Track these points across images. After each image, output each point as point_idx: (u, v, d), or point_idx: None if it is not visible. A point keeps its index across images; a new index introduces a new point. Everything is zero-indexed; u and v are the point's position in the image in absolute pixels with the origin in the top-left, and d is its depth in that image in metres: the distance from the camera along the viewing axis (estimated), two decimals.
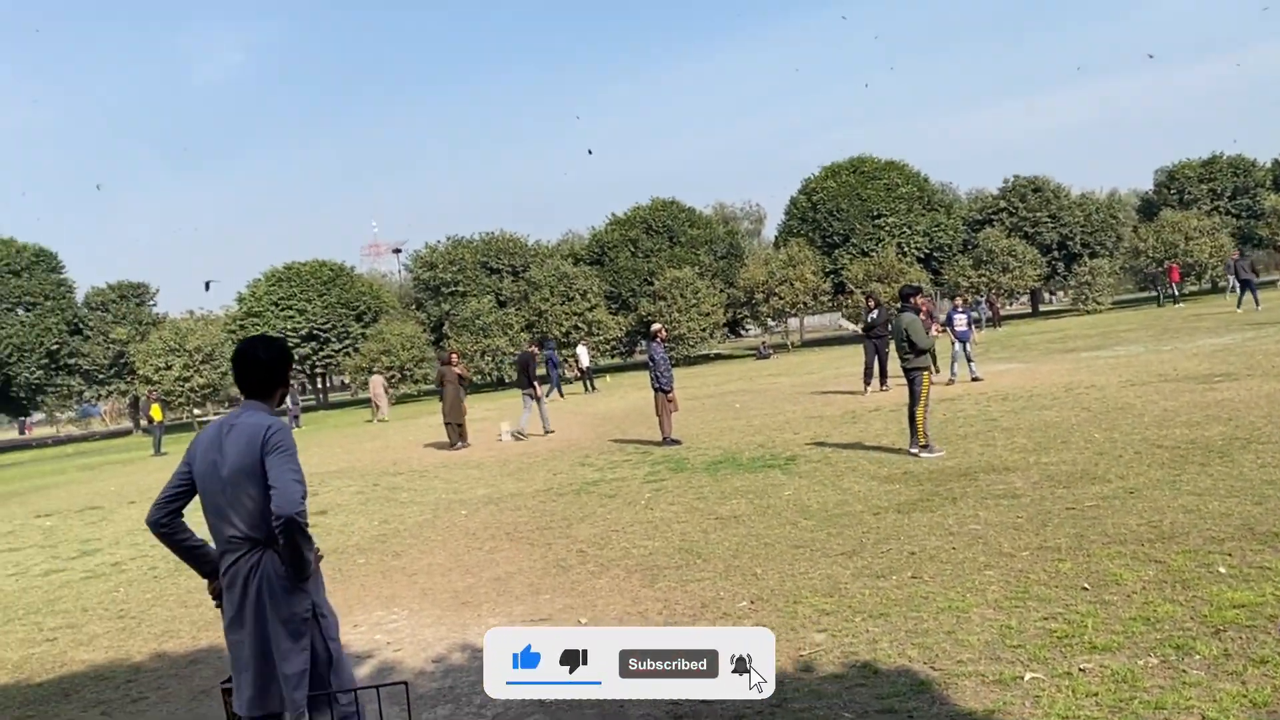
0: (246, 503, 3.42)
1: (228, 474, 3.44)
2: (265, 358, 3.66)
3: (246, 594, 3.45)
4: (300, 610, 3.46)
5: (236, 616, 3.48)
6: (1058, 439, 10.45)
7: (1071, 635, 4.67)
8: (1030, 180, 54.34)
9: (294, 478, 3.36)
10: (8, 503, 18.74)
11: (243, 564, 3.46)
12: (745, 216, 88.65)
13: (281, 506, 3.28)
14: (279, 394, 3.71)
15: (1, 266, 49.24)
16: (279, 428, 3.47)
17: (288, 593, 3.44)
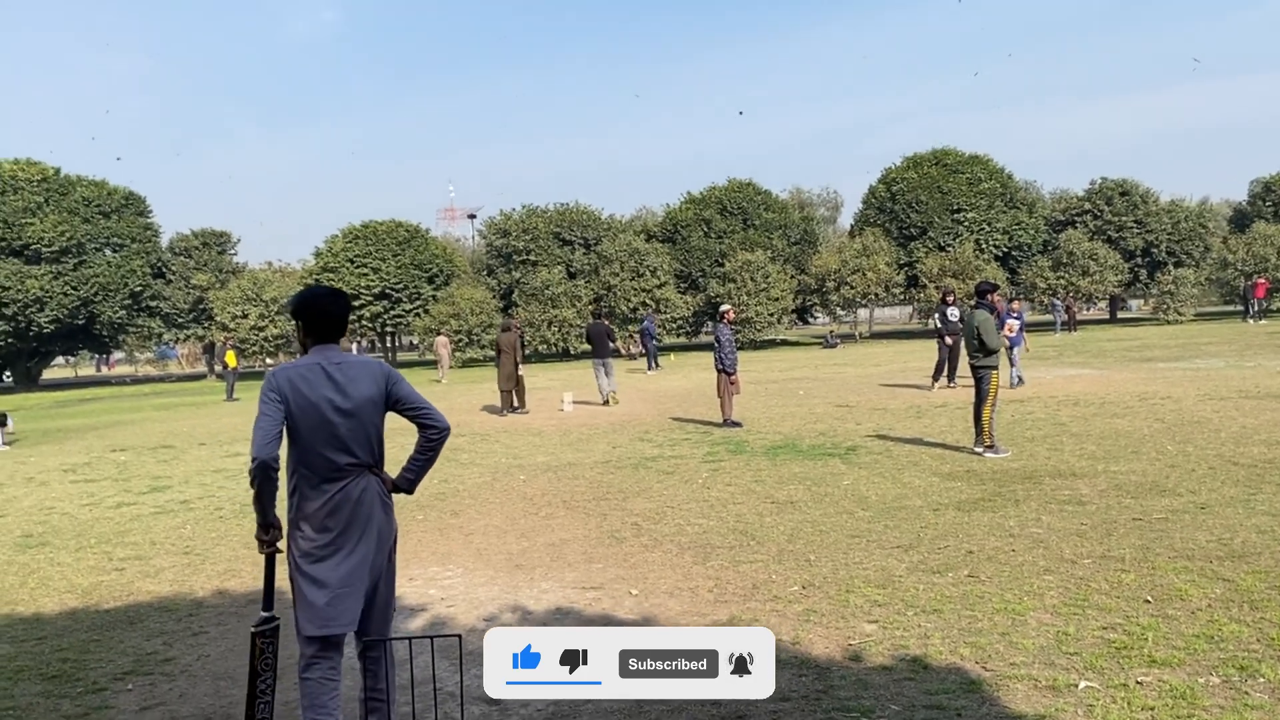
0: (369, 430, 3.78)
1: (355, 405, 3.74)
2: (339, 312, 3.91)
3: (356, 514, 3.74)
4: (395, 527, 3.95)
5: (340, 536, 3.72)
6: (1128, 448, 10.20)
7: (1130, 647, 4.57)
8: (1118, 183, 52.78)
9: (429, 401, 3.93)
10: (86, 435, 19.41)
11: (353, 487, 3.76)
12: (822, 203, 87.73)
13: (441, 421, 3.90)
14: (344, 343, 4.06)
15: (92, 208, 50.70)
16: (387, 367, 3.92)
17: (390, 511, 3.89)
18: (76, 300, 48.67)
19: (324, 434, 3.69)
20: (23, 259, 48.10)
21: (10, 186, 49.14)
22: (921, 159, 53.40)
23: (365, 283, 49.22)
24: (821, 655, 4.76)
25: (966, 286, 42.62)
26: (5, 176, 49.31)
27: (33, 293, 47.10)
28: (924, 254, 49.05)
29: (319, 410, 3.68)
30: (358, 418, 3.73)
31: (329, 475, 3.71)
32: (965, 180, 51.29)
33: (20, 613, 6.41)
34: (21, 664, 5.32)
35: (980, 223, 50.13)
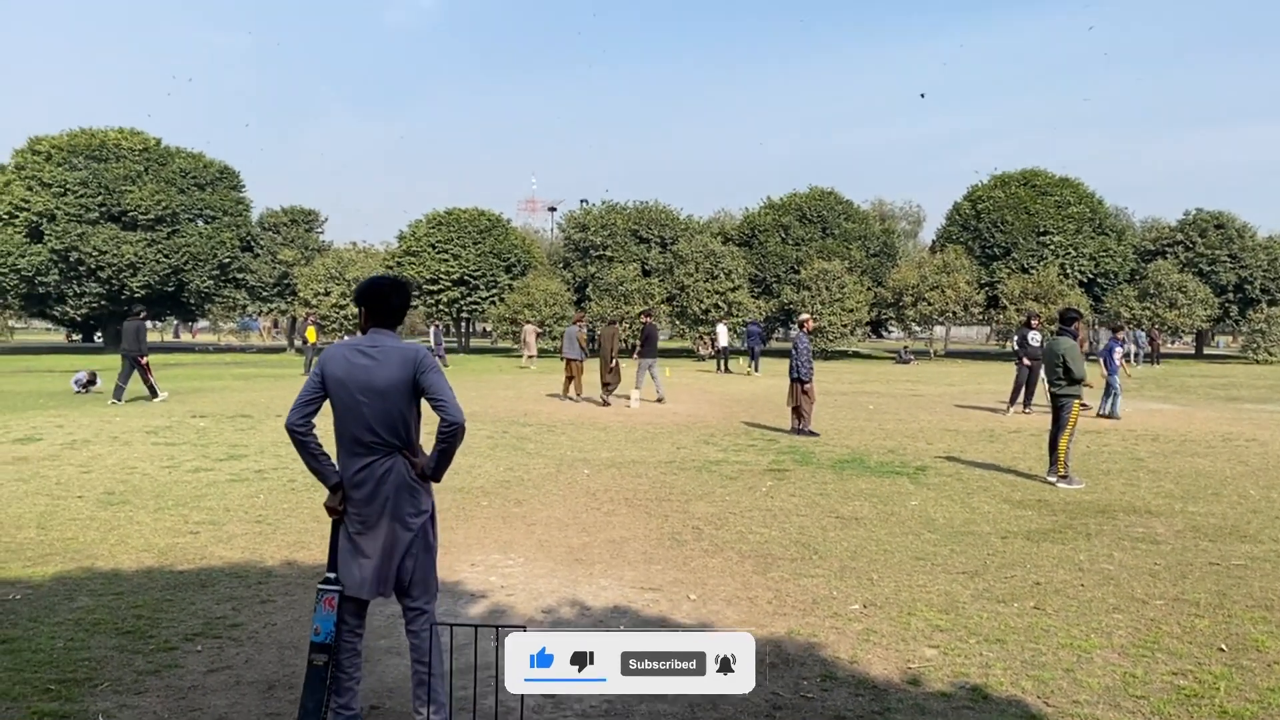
0: (394, 413, 3.89)
1: (382, 387, 3.87)
2: (399, 303, 4.09)
3: (379, 491, 3.92)
4: (425, 505, 4.01)
5: (366, 509, 3.93)
6: (1208, 489, 9.89)
7: (1201, 695, 4.44)
8: (1213, 215, 51.15)
9: (453, 395, 3.91)
10: (168, 400, 20.00)
11: (378, 466, 3.92)
12: (903, 216, 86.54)
13: (455, 415, 3.84)
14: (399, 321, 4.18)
15: (189, 179, 52.28)
16: (425, 352, 3.99)
17: (415, 492, 3.96)
18: (168, 268, 50.27)
19: (353, 412, 3.91)
20: (120, 225, 49.83)
21: (114, 154, 50.91)
22: (1010, 178, 52.39)
23: (445, 268, 49.96)
24: (879, 676, 4.72)
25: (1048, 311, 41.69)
26: (109, 144, 51.10)
27: (127, 258, 48.78)
28: (1006, 275, 48.14)
29: (348, 389, 3.90)
30: (385, 400, 3.87)
31: (356, 451, 3.94)
32: (1054, 202, 50.19)
33: (100, 567, 6.64)
34: (99, 617, 5.52)
35: (1066, 247, 49.02)
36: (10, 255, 47.10)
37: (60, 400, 19.85)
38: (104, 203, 49.27)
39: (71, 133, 51.54)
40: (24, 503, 8.82)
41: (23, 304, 52.33)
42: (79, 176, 49.26)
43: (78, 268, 48.75)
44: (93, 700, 4.34)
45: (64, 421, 15.34)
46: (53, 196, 48.53)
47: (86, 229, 48.54)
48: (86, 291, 49.56)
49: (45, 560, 6.81)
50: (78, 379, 22.35)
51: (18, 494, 9.24)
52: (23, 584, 6.20)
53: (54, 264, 48.49)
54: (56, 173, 49.02)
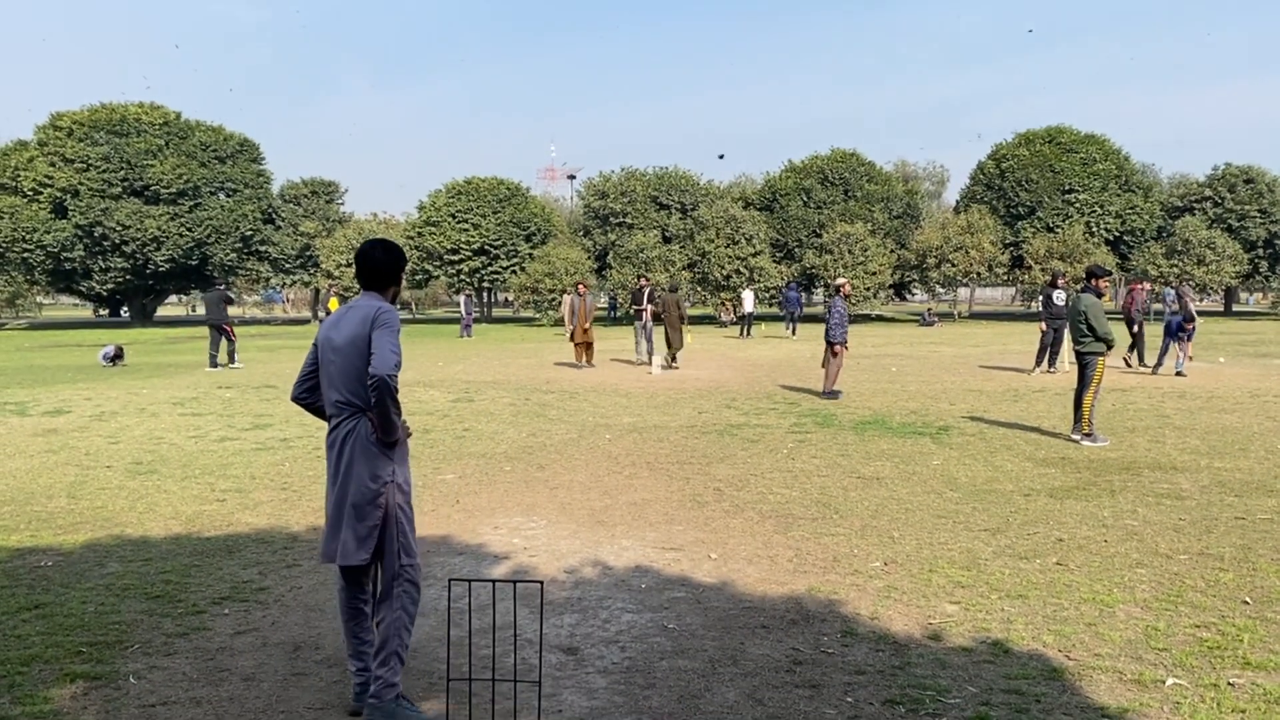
0: (352, 371, 3.82)
1: (341, 343, 3.85)
2: (382, 257, 4.00)
3: (343, 453, 3.86)
4: (383, 472, 3.84)
5: (332, 473, 3.90)
6: (1235, 445, 9.80)
7: (1224, 647, 4.42)
8: (1243, 169, 50.34)
9: (391, 348, 3.71)
10: (194, 372, 20.21)
11: (343, 427, 3.88)
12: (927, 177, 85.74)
13: (376, 367, 3.65)
14: (391, 291, 4.04)
15: (209, 152, 52.50)
16: (388, 309, 3.85)
17: (374, 456, 3.83)
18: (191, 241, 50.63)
19: (325, 371, 3.95)
20: (143, 199, 50.18)
21: (134, 129, 51.17)
22: (1034, 136, 51.74)
23: (465, 238, 50.03)
24: (900, 632, 4.73)
25: (1075, 270, 41.33)
26: (130, 119, 51.34)
27: (150, 232, 49.14)
28: (1031, 234, 47.68)
29: (325, 348, 3.94)
30: (345, 357, 3.82)
31: (330, 412, 3.95)
32: (1079, 160, 49.57)
33: (129, 535, 6.74)
34: (128, 583, 5.61)
35: (1092, 205, 48.44)
36: (36, 231, 47.56)
37: (88, 374, 20.09)
38: (126, 177, 49.59)
39: (93, 108, 51.84)
40: (54, 473, 8.95)
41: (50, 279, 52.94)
42: (101, 152, 49.58)
43: (102, 243, 49.18)
44: (123, 662, 4.42)
45: (92, 394, 15.53)
46: (76, 172, 48.89)
47: (110, 204, 48.91)
48: (111, 266, 50.02)
49: (75, 528, 6.91)
50: (105, 353, 22.62)
51: (48, 464, 9.38)
52: (54, 551, 6.31)
53: (79, 239, 48.93)
54: (79, 148, 49.35)
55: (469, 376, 18.30)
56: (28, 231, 47.38)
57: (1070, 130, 51.59)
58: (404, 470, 3.94)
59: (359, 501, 3.80)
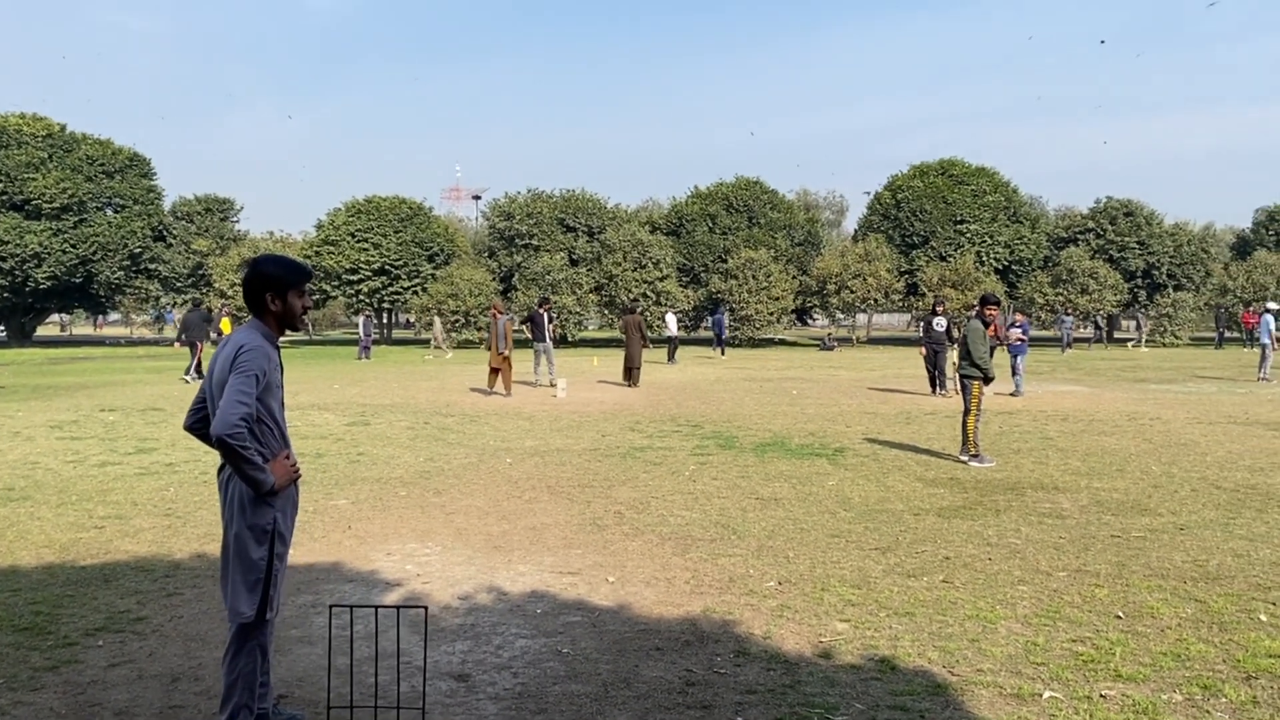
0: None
1: (214, 384, 3.62)
2: (248, 274, 3.72)
3: (225, 499, 3.65)
4: (262, 521, 3.59)
5: (224, 516, 3.69)
6: (1113, 466, 10.23)
7: (1098, 661, 4.59)
8: (1122, 203, 52.79)
9: (238, 399, 3.41)
10: (75, 394, 19.38)
11: (225, 471, 3.65)
12: (827, 206, 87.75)
13: (214, 427, 3.40)
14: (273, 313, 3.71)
15: (96, 166, 50.53)
16: (251, 348, 3.53)
17: (257, 503, 3.57)
18: (75, 258, 48.57)
19: (210, 406, 3.68)
20: (23, 214, 47.98)
21: (15, 140, 48.98)
22: (928, 168, 53.39)
23: (365, 258, 49.16)
24: (792, 651, 4.78)
25: (965, 297, 42.72)
26: (10, 130, 49.15)
27: (31, 248, 47.00)
28: (925, 263, 49.09)
29: (206, 381, 3.74)
30: (216, 400, 3.56)
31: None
32: (970, 192, 51.30)
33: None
34: None
35: (983, 235, 50.15)
36: None
37: None
38: (5, 190, 47.39)
39: None
40: None
41: None
42: None
43: None
44: None
45: None
46: None
47: None
48: None
49: None
50: None
51: None
52: None
53: None
54: None
55: (365, 399, 17.96)
56: None
57: (961, 163, 53.41)
58: (288, 518, 3.71)
59: (241, 552, 3.57)
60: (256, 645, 3.62)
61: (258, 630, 3.61)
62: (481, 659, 4.71)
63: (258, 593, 3.57)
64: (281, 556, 3.66)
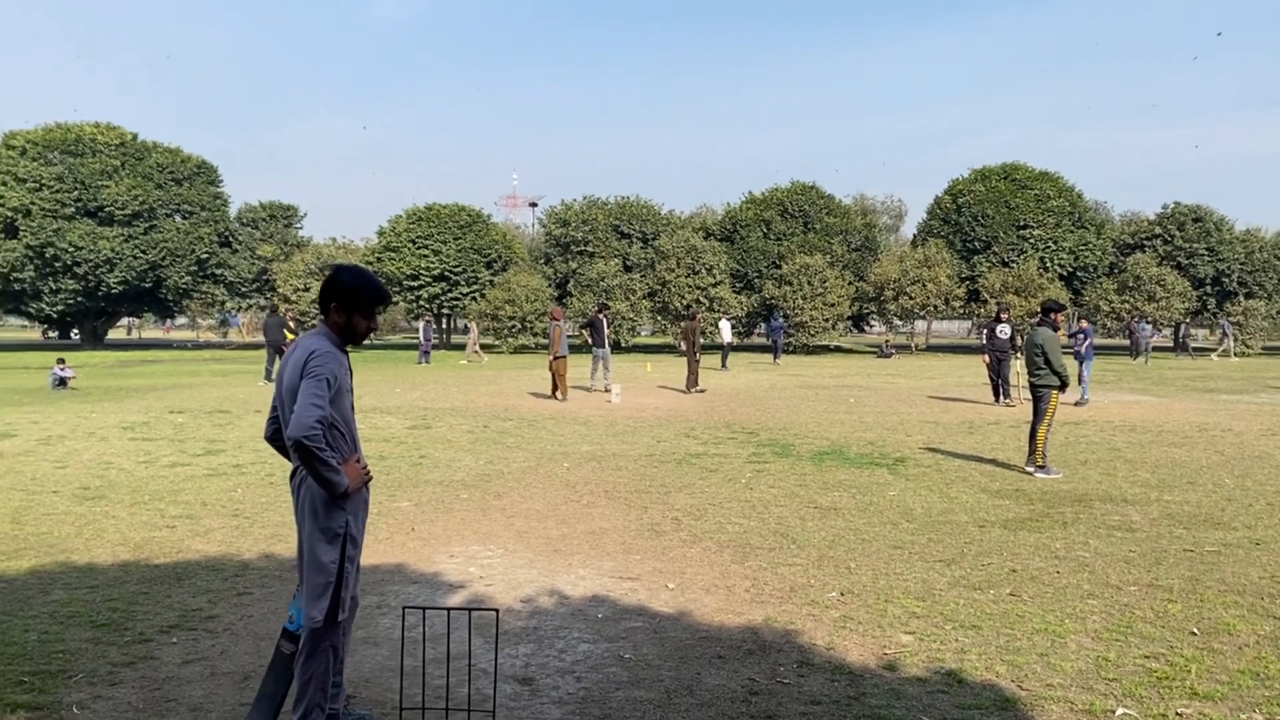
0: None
1: (284, 390, 3.66)
2: (324, 281, 3.78)
3: (297, 503, 3.69)
4: (334, 525, 3.62)
5: (297, 519, 3.74)
6: (1184, 478, 9.98)
7: (1172, 678, 4.48)
8: (1191, 209, 51.56)
9: (312, 402, 3.47)
10: (145, 396, 19.87)
11: (299, 472, 3.68)
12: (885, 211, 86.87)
13: (290, 430, 3.46)
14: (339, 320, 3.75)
15: (166, 174, 51.87)
16: (320, 352, 3.59)
17: (327, 507, 3.60)
18: (145, 263, 49.88)
19: (281, 414, 3.76)
20: (97, 220, 49.39)
21: (89, 149, 50.46)
22: (990, 172, 52.68)
23: (425, 264, 49.79)
24: (856, 662, 4.74)
25: (1029, 304, 42.00)
26: (85, 139, 50.64)
27: (104, 254, 48.37)
28: (987, 269, 48.41)
29: (277, 390, 3.78)
30: (288, 404, 3.62)
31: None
32: (1033, 196, 50.50)
33: (75, 561, 6.59)
34: (73, 610, 5.48)
35: (1046, 240, 49.33)
36: None
37: (36, 397, 19.68)
38: (80, 198, 48.83)
39: (47, 128, 51.06)
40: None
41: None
42: (54, 172, 48.82)
43: (53, 264, 48.29)
44: (67, 692, 4.31)
45: (39, 418, 15.21)
46: (28, 192, 48.04)
47: (62, 224, 48.10)
48: (62, 288, 49.11)
49: (19, 555, 6.75)
50: (54, 375, 22.16)
51: None
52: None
53: (29, 260, 48.02)
54: (32, 168, 48.53)
55: (426, 403, 18.17)
56: None
57: (1025, 167, 52.61)
58: (359, 521, 3.73)
59: (312, 555, 3.62)
60: (329, 646, 3.67)
61: (329, 632, 3.66)
62: (545, 662, 4.73)
63: (327, 597, 3.61)
64: (353, 559, 3.69)
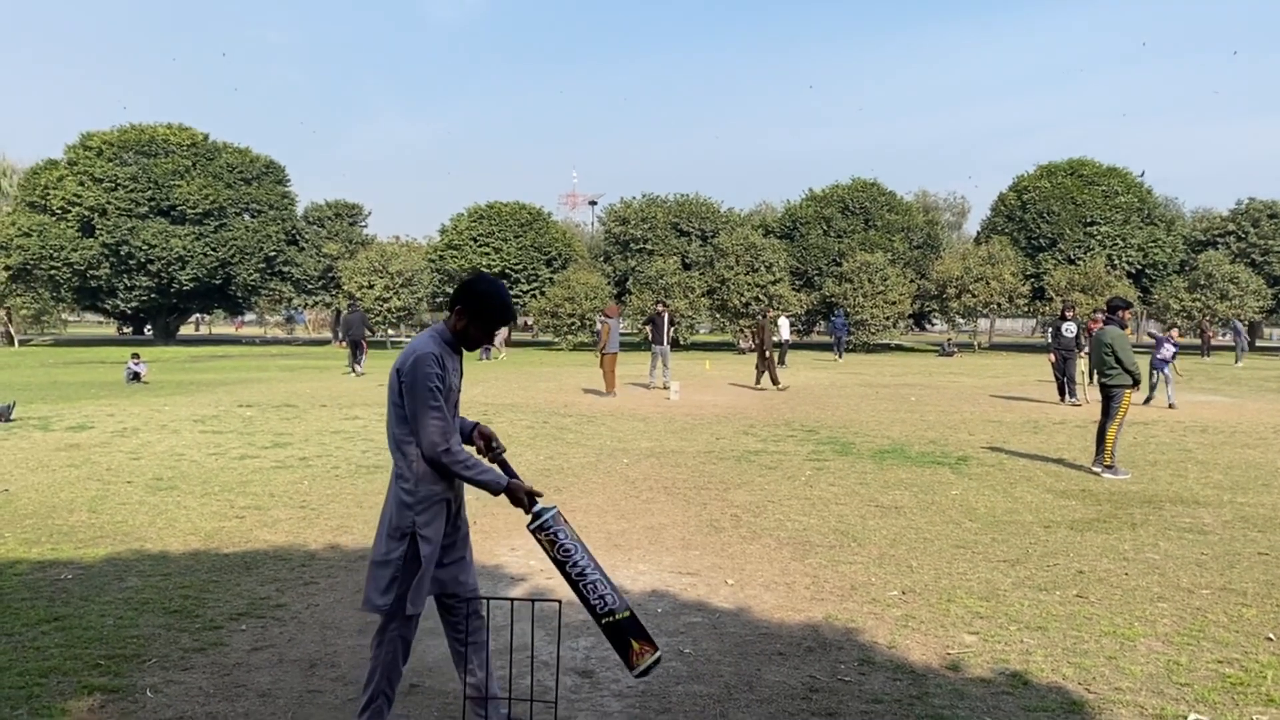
0: (390, 426, 3.68)
1: (389, 392, 3.68)
2: (461, 283, 3.76)
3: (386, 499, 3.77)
4: (402, 524, 3.64)
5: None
6: (1258, 480, 9.70)
7: (1248, 684, 4.36)
8: (1268, 204, 50.04)
9: (431, 419, 3.52)
10: (215, 390, 20.36)
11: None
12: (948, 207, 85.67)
13: (424, 452, 3.55)
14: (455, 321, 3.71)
15: (235, 174, 53.06)
16: (417, 358, 3.55)
17: (397, 507, 3.66)
18: (215, 261, 51.11)
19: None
20: (169, 219, 50.73)
21: (162, 150, 51.84)
22: (1056, 168, 51.66)
23: (486, 262, 50.26)
24: (918, 662, 4.69)
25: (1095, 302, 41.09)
26: (159, 140, 52.02)
27: (176, 251, 49.66)
28: (1052, 266, 47.49)
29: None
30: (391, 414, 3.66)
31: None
32: (1101, 192, 49.41)
33: (148, 549, 6.78)
34: (146, 597, 5.64)
35: (1114, 237, 48.24)
36: (64, 249, 48.13)
37: (111, 390, 20.27)
38: (153, 197, 50.18)
39: (122, 129, 52.56)
40: (76, 488, 9.02)
41: (75, 297, 53.48)
42: (129, 171, 50.23)
43: (128, 261, 49.71)
44: (140, 676, 4.43)
45: (115, 410, 15.66)
46: (104, 191, 49.52)
47: (136, 223, 49.48)
48: (136, 284, 50.54)
49: (96, 542, 6.96)
50: (129, 370, 22.80)
51: (70, 479, 9.46)
52: (74, 565, 6.35)
53: (105, 257, 49.47)
54: (108, 168, 50.01)
55: (487, 399, 18.35)
56: (55, 249, 47.95)
57: (1092, 163, 51.49)
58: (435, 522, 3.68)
59: (378, 548, 3.68)
60: (398, 636, 3.72)
61: (398, 622, 3.71)
62: (604, 655, 4.76)
63: (393, 590, 3.64)
64: (426, 557, 3.66)
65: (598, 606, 3.67)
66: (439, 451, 3.53)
